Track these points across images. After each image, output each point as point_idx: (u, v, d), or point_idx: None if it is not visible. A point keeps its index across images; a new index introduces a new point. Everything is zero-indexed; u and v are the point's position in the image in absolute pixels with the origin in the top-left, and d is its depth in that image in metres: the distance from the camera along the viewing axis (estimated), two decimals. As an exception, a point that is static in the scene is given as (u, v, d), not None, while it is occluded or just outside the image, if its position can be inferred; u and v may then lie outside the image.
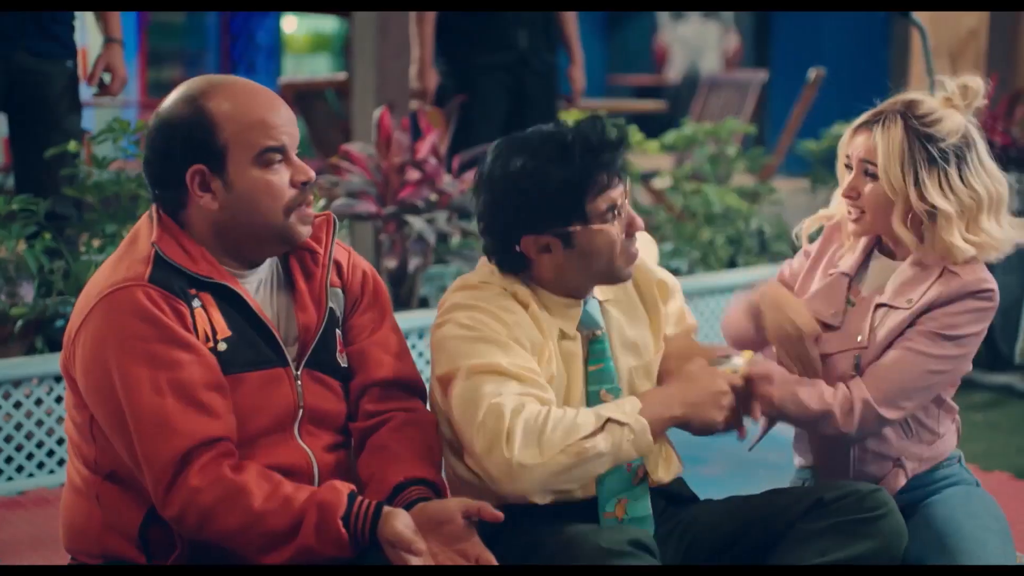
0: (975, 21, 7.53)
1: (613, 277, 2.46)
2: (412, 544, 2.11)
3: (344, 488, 2.16)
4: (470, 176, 4.77)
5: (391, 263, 4.63)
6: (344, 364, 2.39)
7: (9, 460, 3.80)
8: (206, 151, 2.21)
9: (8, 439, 3.80)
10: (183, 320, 2.19)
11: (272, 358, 2.28)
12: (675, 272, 5.51)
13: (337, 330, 2.39)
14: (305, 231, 2.31)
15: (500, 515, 2.17)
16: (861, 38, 10.51)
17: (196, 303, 2.22)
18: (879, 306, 2.58)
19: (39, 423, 3.80)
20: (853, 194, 2.61)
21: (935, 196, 2.53)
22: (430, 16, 5.63)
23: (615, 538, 2.21)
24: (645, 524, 2.43)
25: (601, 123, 2.39)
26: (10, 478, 3.79)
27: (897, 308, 2.56)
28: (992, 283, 2.57)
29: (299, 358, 2.32)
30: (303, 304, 2.34)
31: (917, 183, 2.53)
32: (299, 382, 2.30)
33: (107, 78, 4.27)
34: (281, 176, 2.26)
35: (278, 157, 2.25)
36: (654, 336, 2.57)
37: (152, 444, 2.14)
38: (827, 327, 2.62)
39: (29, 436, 3.81)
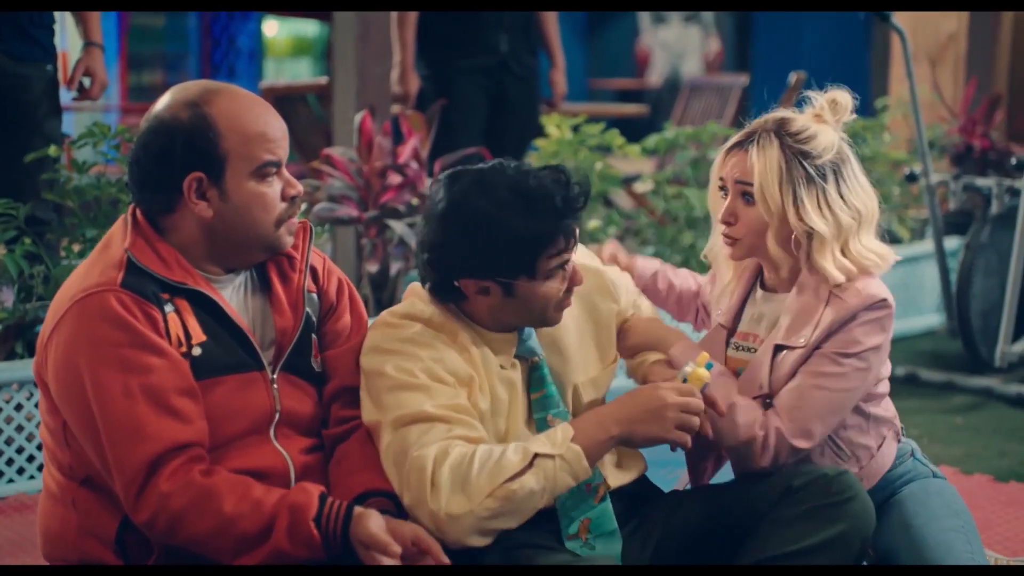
0: (955, 25, 7.56)
1: (543, 323, 2.43)
2: (388, 547, 2.11)
3: (315, 490, 2.16)
4: (452, 180, 4.77)
5: (372, 267, 4.63)
6: (319, 369, 2.40)
7: (-12, 466, 3.79)
8: (206, 159, 2.22)
9: (-13, 445, 3.79)
10: (155, 325, 2.19)
11: (248, 362, 2.28)
12: (656, 276, 5.52)
13: (313, 335, 2.40)
14: (290, 241, 2.33)
15: (446, 560, 2.16)
16: (841, 42, 10.54)
17: (169, 308, 2.22)
18: (777, 348, 2.53)
19: (19, 428, 3.78)
20: (731, 219, 2.55)
21: (813, 216, 2.47)
22: (411, 20, 5.63)
23: None
24: (612, 540, 2.43)
25: (568, 180, 2.34)
26: (-9, 484, 3.78)
27: (794, 348, 2.50)
28: (883, 292, 2.51)
29: (275, 362, 2.33)
30: (280, 309, 2.35)
31: (796, 202, 2.48)
32: (275, 386, 2.31)
33: (87, 82, 4.25)
34: (274, 189, 2.28)
35: (274, 170, 2.27)
36: (602, 349, 2.57)
37: (122, 449, 2.14)
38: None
39: (9, 441, 3.79)
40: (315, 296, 2.42)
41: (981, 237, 5.23)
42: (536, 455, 2.23)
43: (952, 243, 5.94)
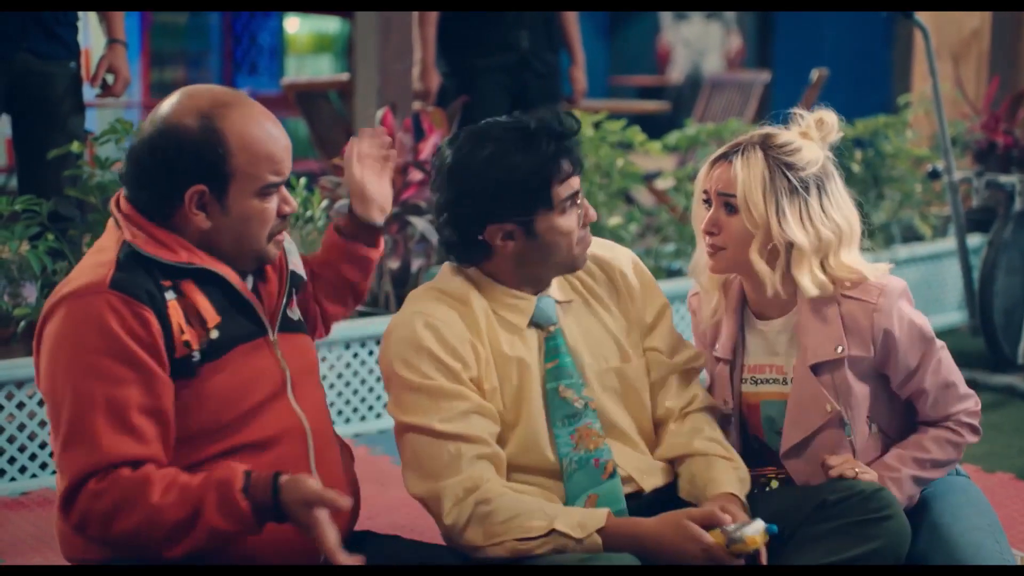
0: (978, 22, 7.53)
1: (570, 266, 2.49)
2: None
3: (239, 466, 2.16)
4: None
5: (394, 263, 4.64)
6: (296, 317, 2.45)
7: (12, 461, 3.81)
8: (213, 174, 2.24)
9: (11, 440, 3.81)
10: (146, 327, 2.18)
11: (255, 330, 2.32)
12: (677, 273, 5.52)
13: (293, 288, 2.45)
14: (276, 253, 2.37)
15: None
16: (864, 39, 10.51)
17: (171, 295, 2.23)
18: (816, 368, 2.54)
19: (42, 424, 3.81)
20: (714, 229, 2.57)
21: (794, 228, 2.49)
22: (432, 17, 5.63)
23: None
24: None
25: (558, 113, 2.44)
26: (13, 479, 3.79)
27: (834, 360, 2.53)
28: (890, 278, 2.58)
29: (272, 325, 2.37)
30: (268, 276, 2.40)
31: (778, 213, 2.50)
32: (276, 347, 2.35)
33: (110, 79, 4.27)
34: (273, 205, 2.31)
35: (275, 190, 2.30)
36: (633, 343, 2.58)
37: (72, 452, 2.15)
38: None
39: (32, 437, 3.81)
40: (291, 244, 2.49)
41: (1004, 234, 5.21)
42: (555, 531, 2.28)
43: (975, 240, 5.92)
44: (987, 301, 5.17)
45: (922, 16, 5.23)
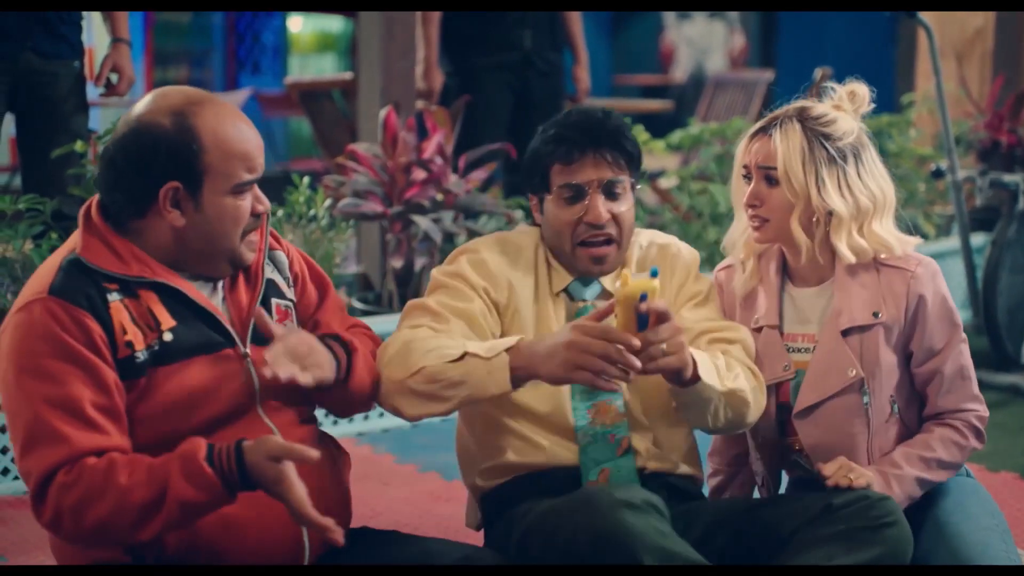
0: (981, 21, 7.53)
1: (568, 260, 2.59)
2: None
3: (202, 440, 2.16)
4: (476, 175, 4.79)
5: (397, 263, 4.64)
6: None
7: (16, 459, 3.81)
8: (187, 171, 2.23)
9: (15, 438, 3.81)
10: (84, 329, 2.18)
11: (219, 341, 2.29)
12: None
13: (275, 300, 2.40)
14: (251, 256, 2.35)
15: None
16: (867, 37, 10.51)
17: (114, 296, 2.22)
18: (846, 333, 2.57)
19: (46, 422, 3.80)
20: (756, 202, 2.61)
21: (833, 196, 2.55)
22: (435, 17, 5.64)
23: (632, 493, 2.24)
24: None
25: (604, 112, 2.58)
26: (17, 477, 3.79)
27: (871, 326, 2.56)
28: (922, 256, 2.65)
29: (244, 336, 2.33)
30: (238, 287, 2.37)
31: (818, 182, 2.55)
32: (248, 359, 2.31)
33: (114, 78, 4.27)
34: (246, 203, 2.30)
35: (248, 188, 2.30)
36: None
37: (35, 455, 2.15)
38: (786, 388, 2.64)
39: (36, 435, 3.81)
40: (280, 253, 2.45)
41: (1007, 233, 5.21)
42: (467, 354, 2.33)
43: (978, 239, 5.91)
44: (991, 300, 5.17)
45: (926, 15, 5.22)
